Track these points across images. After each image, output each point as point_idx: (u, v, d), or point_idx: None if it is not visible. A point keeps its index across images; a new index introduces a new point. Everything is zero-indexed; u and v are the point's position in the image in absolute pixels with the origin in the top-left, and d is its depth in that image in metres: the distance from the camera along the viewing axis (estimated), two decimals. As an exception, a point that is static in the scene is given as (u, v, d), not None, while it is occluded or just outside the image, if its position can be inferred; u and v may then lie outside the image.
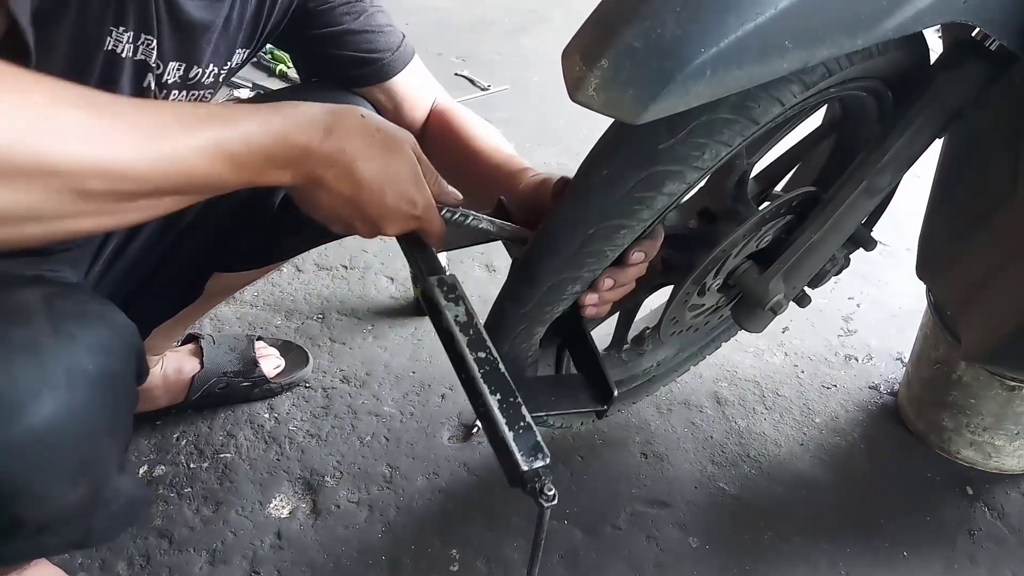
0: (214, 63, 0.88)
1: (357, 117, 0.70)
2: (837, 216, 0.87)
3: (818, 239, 0.89)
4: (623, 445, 1.28)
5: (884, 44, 0.75)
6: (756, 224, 0.88)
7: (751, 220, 0.87)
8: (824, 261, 0.94)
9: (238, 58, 0.93)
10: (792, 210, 0.91)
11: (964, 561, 1.10)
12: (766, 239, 0.93)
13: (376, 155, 0.70)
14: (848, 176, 0.86)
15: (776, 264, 0.91)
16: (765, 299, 0.91)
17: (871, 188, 0.86)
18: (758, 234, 0.90)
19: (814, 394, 1.36)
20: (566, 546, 1.13)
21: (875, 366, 1.42)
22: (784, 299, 0.92)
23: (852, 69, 0.74)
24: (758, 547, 1.13)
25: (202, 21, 0.84)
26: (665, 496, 1.20)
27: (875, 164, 0.85)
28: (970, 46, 0.81)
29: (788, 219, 0.92)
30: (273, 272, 1.66)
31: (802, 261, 0.91)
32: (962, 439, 1.22)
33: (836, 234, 0.90)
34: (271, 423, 1.32)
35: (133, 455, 1.23)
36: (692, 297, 0.95)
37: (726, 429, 1.30)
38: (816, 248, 0.90)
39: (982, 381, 1.16)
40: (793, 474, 1.23)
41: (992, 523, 1.16)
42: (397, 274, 1.65)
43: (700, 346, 1.23)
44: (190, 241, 1.06)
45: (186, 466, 1.25)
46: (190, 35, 0.84)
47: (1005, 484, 1.21)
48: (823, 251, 0.91)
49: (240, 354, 1.33)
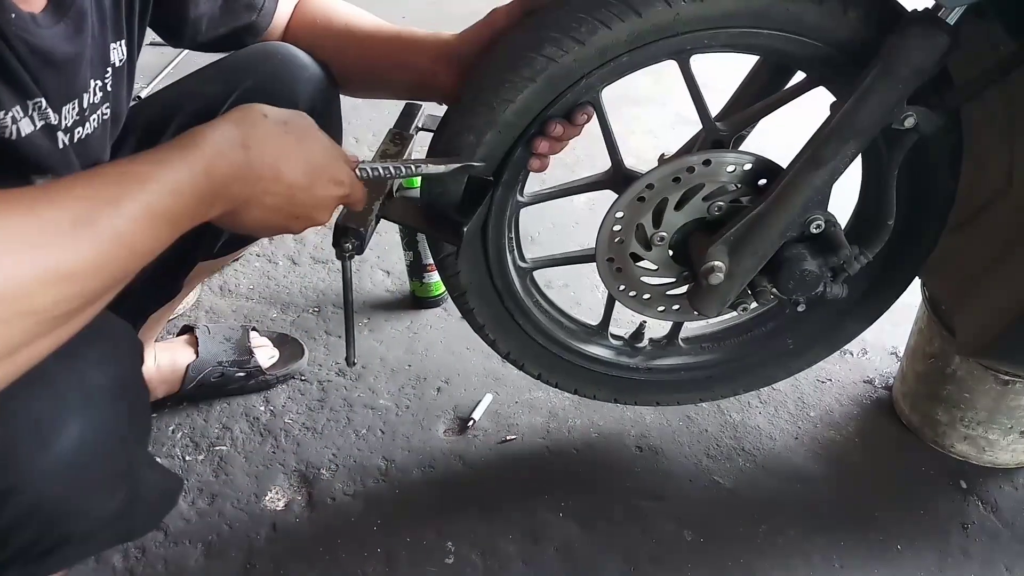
0: (94, 77, 0.84)
1: (262, 118, 0.67)
2: (782, 187, 0.88)
3: (763, 210, 0.89)
4: (618, 439, 1.28)
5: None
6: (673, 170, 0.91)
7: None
8: (773, 239, 0.91)
9: (117, 55, 0.88)
10: (749, 184, 0.92)
11: (957, 555, 1.11)
12: (718, 206, 0.93)
13: (294, 150, 0.68)
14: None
15: (721, 232, 0.91)
16: (700, 263, 0.92)
17: (816, 159, 0.86)
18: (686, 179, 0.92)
19: (809, 388, 1.37)
20: (561, 539, 1.13)
21: (870, 360, 1.43)
22: (722, 272, 0.92)
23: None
24: (753, 540, 1.13)
25: (71, 49, 0.79)
26: (660, 490, 1.20)
27: (820, 134, 0.85)
28: (923, 16, 0.80)
29: (739, 191, 0.93)
30: (269, 266, 1.66)
31: (748, 235, 0.90)
32: (956, 433, 1.22)
33: (783, 209, 0.89)
34: (267, 416, 1.32)
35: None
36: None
37: (721, 423, 1.30)
38: (765, 221, 0.89)
39: (976, 375, 1.16)
40: (788, 467, 1.23)
41: (985, 517, 1.16)
42: (393, 268, 1.64)
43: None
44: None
45: (181, 459, 1.25)
46: (68, 68, 0.79)
47: (998, 478, 1.22)
48: (770, 226, 0.90)
49: (235, 344, 1.33)
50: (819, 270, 0.95)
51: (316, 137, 0.72)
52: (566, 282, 1.58)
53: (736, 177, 0.92)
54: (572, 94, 0.88)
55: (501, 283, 1.05)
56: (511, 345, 1.12)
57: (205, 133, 0.62)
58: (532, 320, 1.10)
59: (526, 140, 0.91)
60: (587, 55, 0.85)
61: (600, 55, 0.85)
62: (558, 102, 0.88)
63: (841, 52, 0.87)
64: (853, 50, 0.86)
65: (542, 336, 1.11)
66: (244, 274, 1.64)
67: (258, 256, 1.68)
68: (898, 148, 0.90)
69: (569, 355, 1.14)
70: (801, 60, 0.91)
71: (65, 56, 0.78)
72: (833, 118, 0.86)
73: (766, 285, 0.96)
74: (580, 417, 1.32)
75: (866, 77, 0.82)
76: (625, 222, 0.95)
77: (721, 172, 0.91)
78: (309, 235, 1.76)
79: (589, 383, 1.19)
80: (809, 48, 0.86)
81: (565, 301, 1.30)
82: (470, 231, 0.91)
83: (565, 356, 1.14)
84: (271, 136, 0.67)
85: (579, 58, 0.85)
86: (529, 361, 1.15)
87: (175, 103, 1.04)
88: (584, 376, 1.17)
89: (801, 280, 0.95)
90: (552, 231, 1.73)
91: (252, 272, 1.64)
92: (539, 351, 1.13)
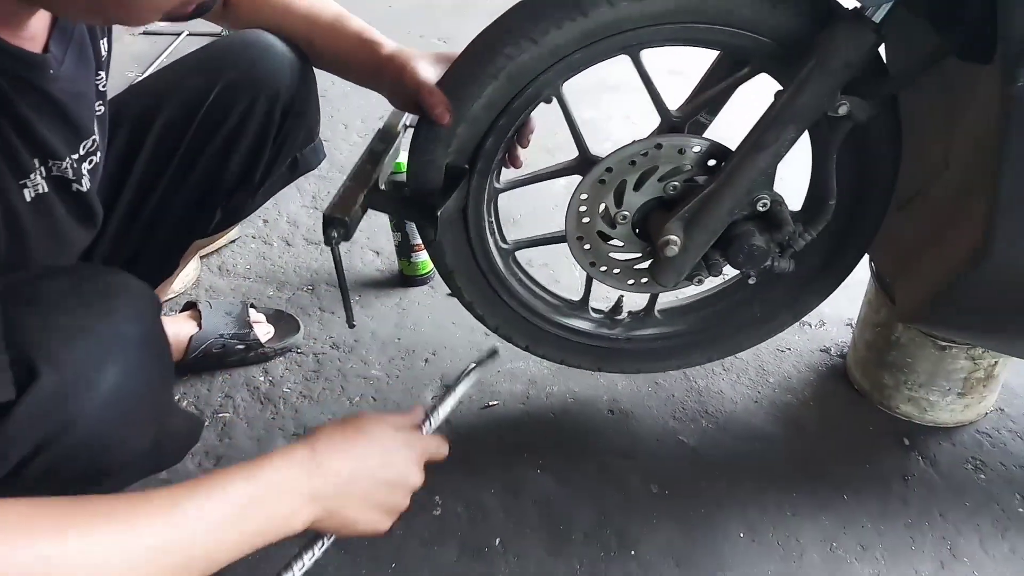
0: (88, 117, 0.90)
1: (330, 476, 0.73)
2: (730, 168, 0.97)
3: (715, 189, 0.98)
4: (592, 403, 1.39)
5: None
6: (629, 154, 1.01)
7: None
8: (723, 216, 1.01)
9: (101, 83, 0.94)
10: (700, 166, 1.02)
11: (897, 502, 1.22)
12: (673, 186, 1.03)
13: (369, 494, 0.77)
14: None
15: (676, 209, 1.01)
16: (658, 237, 1.02)
17: (759, 143, 0.95)
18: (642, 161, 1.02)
19: (769, 357, 1.48)
20: (540, 494, 1.23)
21: (827, 331, 1.54)
22: (677, 245, 1.01)
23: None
24: (713, 493, 1.24)
25: (76, 102, 0.85)
26: (630, 449, 1.31)
27: (764, 120, 0.95)
28: (851, 14, 0.90)
29: (692, 172, 1.03)
30: (264, 247, 1.75)
31: (701, 211, 1.00)
32: (900, 395, 1.33)
33: (732, 188, 0.98)
34: (266, 385, 1.41)
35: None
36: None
37: (686, 388, 1.41)
38: (714, 199, 0.99)
39: (917, 342, 1.27)
40: (747, 428, 1.34)
41: (925, 470, 1.27)
42: (382, 248, 1.74)
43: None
44: (169, 217, 1.15)
45: (188, 424, 1.34)
46: (75, 119, 0.86)
47: (939, 436, 1.33)
48: (719, 204, 0.99)
49: (235, 318, 1.42)
50: (767, 245, 1.05)
51: (386, 467, 0.80)
52: (545, 261, 1.68)
53: (688, 159, 1.02)
54: (533, 88, 0.97)
55: (485, 263, 1.15)
56: (498, 320, 1.22)
57: (265, 500, 0.68)
58: (517, 297, 1.20)
59: (496, 131, 1.00)
60: (541, 53, 0.94)
61: (553, 53, 0.95)
62: (520, 96, 0.98)
63: (777, 43, 0.96)
64: (787, 42, 0.95)
65: (527, 311, 1.21)
66: (241, 255, 1.73)
67: (254, 238, 1.77)
68: (835, 134, 1.00)
69: (554, 328, 1.24)
70: (741, 51, 1.00)
71: (73, 111, 0.85)
72: (775, 105, 0.96)
73: (719, 259, 1.07)
74: (557, 384, 1.42)
75: (802, 69, 0.92)
76: (590, 203, 1.05)
77: (672, 155, 1.01)
78: (302, 217, 1.85)
79: (574, 353, 1.29)
80: (747, 39, 0.96)
81: (545, 278, 1.40)
82: (444, 216, 1.01)
83: (550, 329, 1.24)
84: (345, 488, 0.75)
85: (535, 56, 0.94)
86: (516, 334, 1.25)
87: (161, 94, 1.11)
88: (569, 347, 1.27)
89: (750, 254, 1.05)
90: (532, 213, 1.83)
91: (249, 253, 1.73)
92: (525, 325, 1.23)
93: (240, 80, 1.08)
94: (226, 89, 1.09)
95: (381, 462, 0.78)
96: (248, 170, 1.15)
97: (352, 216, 0.93)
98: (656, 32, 0.95)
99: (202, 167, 1.13)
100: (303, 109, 1.15)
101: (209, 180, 1.14)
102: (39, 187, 0.82)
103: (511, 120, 1.01)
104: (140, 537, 0.58)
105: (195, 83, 1.10)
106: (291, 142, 1.17)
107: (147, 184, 1.13)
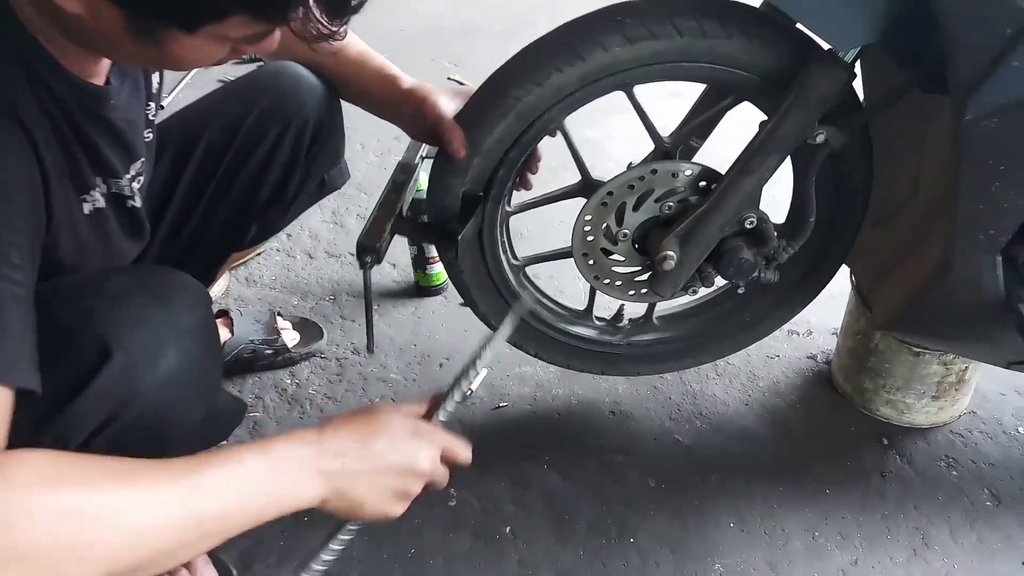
0: (139, 142, 0.98)
1: (342, 468, 0.76)
2: (720, 191, 1.09)
3: (707, 209, 1.09)
4: (595, 405, 1.50)
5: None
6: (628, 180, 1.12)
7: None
8: (714, 233, 1.11)
9: (151, 113, 1.02)
10: (692, 187, 1.13)
11: (876, 496, 1.32)
12: (668, 206, 1.14)
13: (374, 485, 0.79)
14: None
15: (672, 227, 1.12)
16: (656, 252, 1.13)
17: (746, 168, 1.06)
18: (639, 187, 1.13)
19: (759, 363, 1.58)
20: (545, 487, 1.34)
21: (814, 339, 1.65)
22: (673, 260, 1.12)
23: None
24: (706, 487, 1.34)
25: (130, 128, 0.93)
26: (629, 446, 1.41)
27: (750, 147, 1.06)
28: (826, 54, 1.01)
29: (685, 193, 1.14)
30: (288, 259, 1.87)
31: (694, 229, 1.11)
32: (880, 398, 1.44)
33: (722, 209, 1.09)
34: (293, 387, 1.52)
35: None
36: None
37: (682, 391, 1.52)
38: (706, 218, 1.10)
39: (894, 348, 1.38)
40: (738, 428, 1.45)
41: (902, 467, 1.38)
42: (398, 260, 1.85)
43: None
44: (209, 232, 1.27)
45: (222, 422, 1.44)
46: (129, 142, 0.95)
47: (915, 436, 1.43)
48: (711, 222, 1.10)
49: (264, 325, 1.54)
50: (754, 258, 1.16)
51: (392, 451, 0.81)
52: (551, 273, 1.79)
53: (681, 181, 1.13)
54: (539, 123, 1.09)
55: (499, 279, 1.27)
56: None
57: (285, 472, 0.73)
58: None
59: (507, 162, 1.12)
60: (546, 94, 1.06)
61: (556, 93, 1.06)
62: (529, 131, 1.10)
63: (759, 78, 1.07)
64: (767, 76, 1.07)
65: (536, 321, 1.33)
66: (267, 267, 1.84)
67: (278, 251, 1.89)
68: (814, 159, 1.11)
69: (561, 336, 1.36)
70: (726, 85, 1.12)
71: (129, 136, 0.94)
72: (760, 135, 1.08)
73: (711, 271, 1.18)
74: (562, 388, 1.53)
75: (783, 103, 1.04)
76: (593, 223, 1.17)
77: (667, 178, 1.13)
78: (323, 232, 1.97)
79: (579, 359, 1.40)
80: (730, 75, 1.07)
81: (551, 289, 1.52)
82: (464, 238, 1.12)
83: (558, 337, 1.36)
84: (352, 466, 0.77)
85: (540, 96, 1.06)
86: (526, 342, 1.36)
87: (203, 120, 1.23)
88: (575, 353, 1.39)
89: (739, 267, 1.16)
90: (539, 229, 1.94)
91: (274, 265, 1.85)
92: (535, 333, 1.34)
93: (274, 107, 1.20)
94: (262, 115, 1.21)
95: (388, 446, 0.79)
96: (281, 188, 1.26)
97: (382, 242, 1.05)
98: (647, 71, 1.06)
99: (240, 185, 1.24)
100: (330, 133, 1.26)
101: (245, 197, 1.25)
102: (97, 201, 0.93)
103: (521, 152, 1.12)
104: (158, 495, 0.64)
105: (234, 109, 1.22)
106: (320, 162, 1.28)
107: (190, 201, 1.24)
